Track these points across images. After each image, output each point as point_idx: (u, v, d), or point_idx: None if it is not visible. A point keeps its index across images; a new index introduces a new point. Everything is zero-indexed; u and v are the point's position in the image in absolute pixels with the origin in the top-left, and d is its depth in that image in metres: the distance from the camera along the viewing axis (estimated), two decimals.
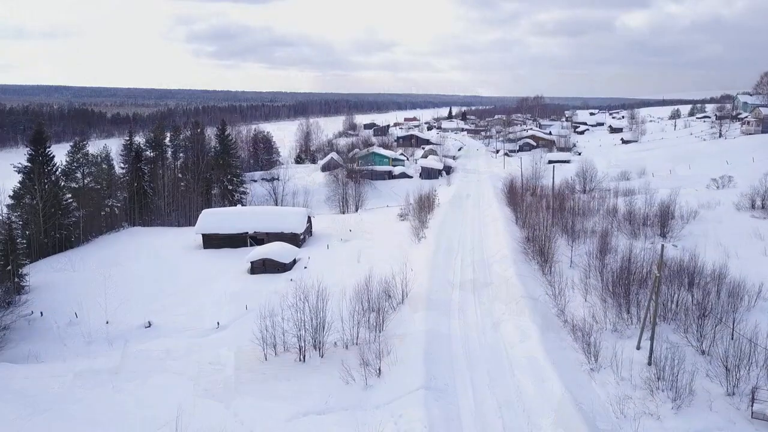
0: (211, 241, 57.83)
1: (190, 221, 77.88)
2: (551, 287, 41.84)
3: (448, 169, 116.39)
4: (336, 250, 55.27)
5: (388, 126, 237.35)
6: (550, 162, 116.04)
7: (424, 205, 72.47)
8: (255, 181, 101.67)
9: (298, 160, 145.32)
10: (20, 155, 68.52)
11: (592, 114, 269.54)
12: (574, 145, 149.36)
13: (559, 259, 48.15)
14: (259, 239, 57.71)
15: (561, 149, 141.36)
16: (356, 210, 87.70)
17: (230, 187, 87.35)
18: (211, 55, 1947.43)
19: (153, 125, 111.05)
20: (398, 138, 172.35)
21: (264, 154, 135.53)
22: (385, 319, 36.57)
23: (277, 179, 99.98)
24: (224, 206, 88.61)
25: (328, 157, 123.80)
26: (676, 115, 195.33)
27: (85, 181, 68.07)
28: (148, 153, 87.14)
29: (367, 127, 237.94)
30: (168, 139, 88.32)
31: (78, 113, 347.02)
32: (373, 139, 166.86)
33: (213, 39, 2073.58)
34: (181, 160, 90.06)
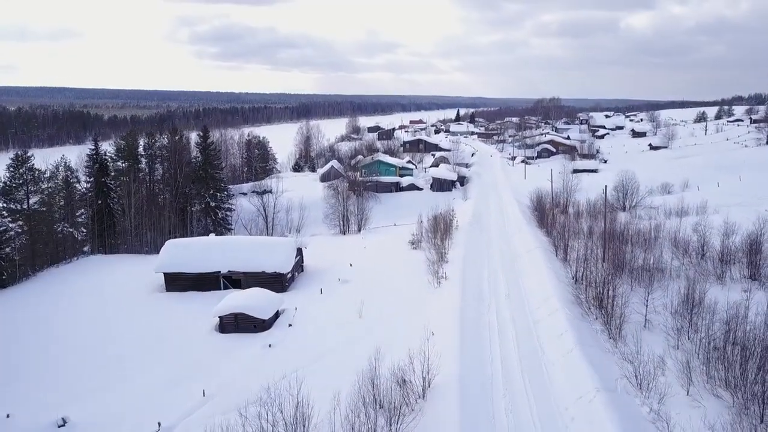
0: (176, 282, 45.78)
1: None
2: (631, 366, 29.66)
3: (462, 180, 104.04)
4: (331, 297, 43.08)
5: (394, 129, 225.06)
6: (575, 171, 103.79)
7: (441, 228, 60.46)
8: (244, 194, 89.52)
9: (296, 168, 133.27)
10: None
11: (607, 116, 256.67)
12: (598, 152, 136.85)
13: (628, 316, 35.83)
14: (234, 280, 45.67)
15: (584, 156, 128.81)
16: (359, 230, 75.62)
17: (213, 204, 75.31)
18: (214, 57, 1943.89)
19: (151, 129, 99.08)
20: (404, 143, 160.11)
21: (258, 161, 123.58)
22: (399, 431, 24.50)
23: (270, 192, 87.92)
24: (206, 225, 76.73)
25: (329, 165, 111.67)
26: (702, 118, 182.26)
27: (30, 201, 56.15)
28: (119, 164, 75.31)
29: (371, 130, 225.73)
30: (142, 147, 76.30)
31: (73, 115, 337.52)
32: (378, 144, 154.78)
33: (216, 40, 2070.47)
34: (158, 172, 78.20)
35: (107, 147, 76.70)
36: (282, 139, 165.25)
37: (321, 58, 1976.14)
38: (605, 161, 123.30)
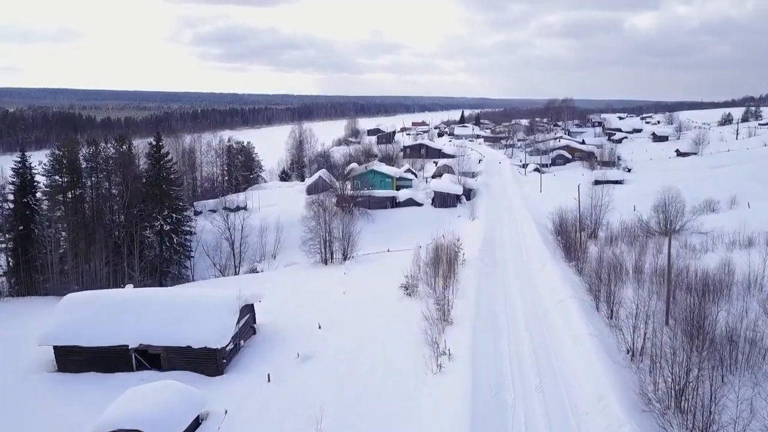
0: (71, 359, 32.58)
1: (100, 282, 53.20)
2: None
3: (469, 193, 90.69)
4: (283, 389, 29.67)
5: (394, 132, 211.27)
6: (597, 183, 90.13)
7: (443, 263, 47.27)
8: (214, 211, 76.35)
9: (283, 177, 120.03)
10: None
11: (621, 118, 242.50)
12: (619, 159, 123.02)
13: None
14: (152, 356, 32.50)
15: (604, 164, 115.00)
16: (344, 258, 62.39)
17: (167, 227, 62.29)
18: (218, 58, 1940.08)
19: (147, 131, 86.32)
20: (405, 148, 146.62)
21: (240, 170, 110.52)
22: None
23: (244, 209, 74.89)
24: (161, 255, 63.69)
25: (316, 176, 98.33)
26: (728, 120, 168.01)
27: None
28: (56, 178, 62.49)
29: (371, 132, 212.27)
30: (83, 158, 63.35)
31: (63, 117, 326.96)
32: (376, 149, 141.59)
33: (219, 41, 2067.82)
34: (106, 188, 65.21)
35: (43, 158, 63.80)
36: (279, 142, 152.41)
37: (323, 60, 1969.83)
38: (629, 170, 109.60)
